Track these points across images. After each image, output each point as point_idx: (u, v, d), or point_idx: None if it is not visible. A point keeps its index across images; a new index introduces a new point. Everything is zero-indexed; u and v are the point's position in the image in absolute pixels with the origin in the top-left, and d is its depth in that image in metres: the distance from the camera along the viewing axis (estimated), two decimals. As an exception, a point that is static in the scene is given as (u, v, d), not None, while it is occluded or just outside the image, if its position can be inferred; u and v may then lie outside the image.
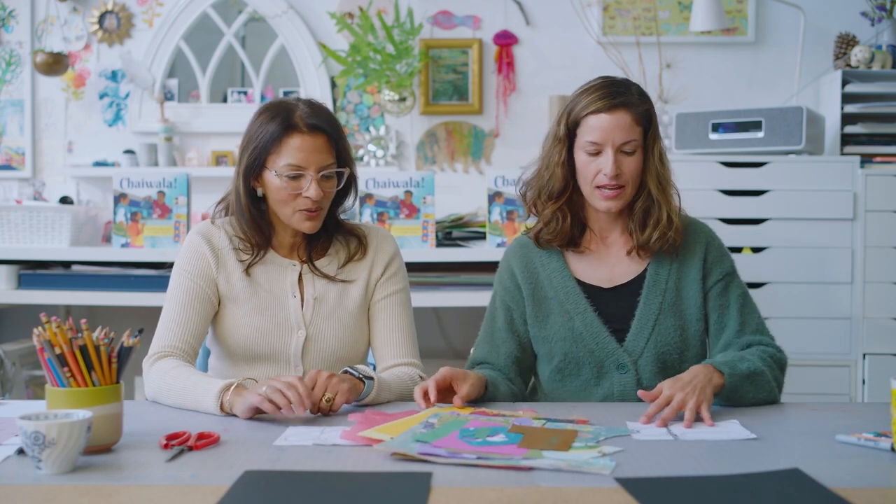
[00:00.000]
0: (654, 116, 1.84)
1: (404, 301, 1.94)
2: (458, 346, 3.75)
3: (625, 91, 1.81)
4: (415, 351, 1.92)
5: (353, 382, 1.66)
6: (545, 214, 1.88)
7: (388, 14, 3.74)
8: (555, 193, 1.87)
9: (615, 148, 1.79)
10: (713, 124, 3.32)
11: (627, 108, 1.79)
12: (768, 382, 1.72)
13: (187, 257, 1.87)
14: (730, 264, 1.90)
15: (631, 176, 1.81)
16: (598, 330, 1.84)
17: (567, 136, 1.85)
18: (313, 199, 1.79)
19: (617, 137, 1.78)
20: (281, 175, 1.78)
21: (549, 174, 1.87)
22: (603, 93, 1.80)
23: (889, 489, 1.19)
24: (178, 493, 1.17)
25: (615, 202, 1.82)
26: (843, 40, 3.59)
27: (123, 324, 1.68)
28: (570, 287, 1.87)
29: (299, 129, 1.78)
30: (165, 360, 1.76)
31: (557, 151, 1.86)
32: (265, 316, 1.85)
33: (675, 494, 1.17)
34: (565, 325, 1.85)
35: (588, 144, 1.80)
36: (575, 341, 1.84)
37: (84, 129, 3.88)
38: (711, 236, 1.92)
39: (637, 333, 1.83)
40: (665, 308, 1.84)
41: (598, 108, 1.79)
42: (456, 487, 1.19)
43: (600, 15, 3.75)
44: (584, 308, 1.85)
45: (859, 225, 3.19)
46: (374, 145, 3.81)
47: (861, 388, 3.18)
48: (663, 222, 1.83)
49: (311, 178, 1.78)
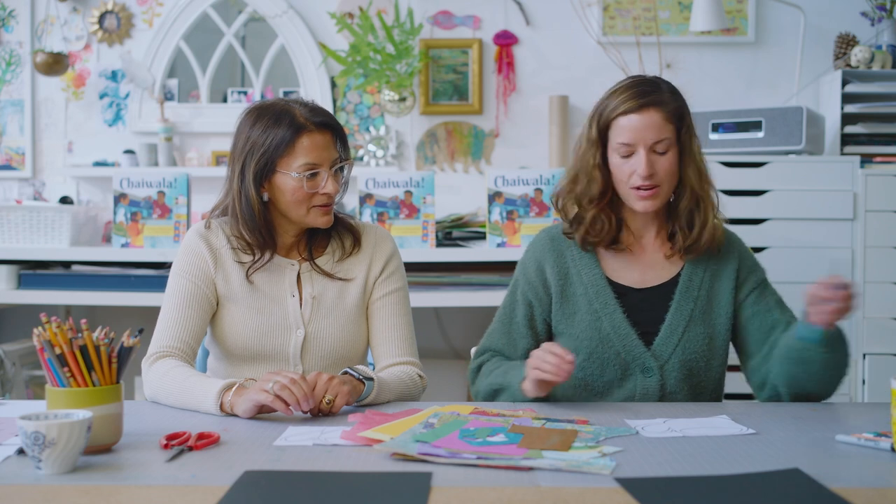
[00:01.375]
0: (686, 113, 1.83)
1: (403, 300, 1.94)
2: (458, 346, 3.75)
3: (654, 89, 1.80)
4: (413, 350, 1.92)
5: (354, 384, 1.66)
6: (589, 217, 1.86)
7: (388, 14, 3.74)
8: (596, 196, 1.85)
9: (647, 148, 1.77)
10: (713, 124, 3.32)
11: (657, 106, 1.78)
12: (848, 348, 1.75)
13: (185, 258, 1.87)
14: (762, 273, 1.90)
15: (666, 175, 1.80)
16: (626, 332, 1.82)
17: (599, 139, 1.84)
18: (330, 194, 1.82)
19: (648, 137, 1.77)
20: (300, 175, 1.79)
21: (588, 178, 1.85)
22: (632, 93, 1.79)
23: (889, 489, 1.19)
24: (178, 493, 1.17)
25: (651, 202, 1.81)
26: (843, 40, 3.59)
27: (123, 324, 1.68)
28: (600, 286, 1.85)
29: (308, 128, 1.80)
30: (164, 361, 1.76)
31: (592, 154, 1.84)
32: (264, 315, 1.86)
33: (675, 494, 1.17)
34: (593, 325, 1.83)
35: (620, 146, 1.80)
36: (602, 341, 1.82)
37: (84, 129, 3.88)
38: (743, 246, 1.92)
39: (666, 338, 1.82)
40: (696, 315, 1.83)
41: (628, 109, 1.78)
42: (456, 487, 1.19)
43: (600, 15, 3.75)
44: (614, 308, 1.83)
45: (859, 225, 3.19)
46: (374, 145, 3.81)
47: (861, 388, 3.18)
48: (711, 222, 1.83)
49: (327, 175, 1.81)
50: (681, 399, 1.81)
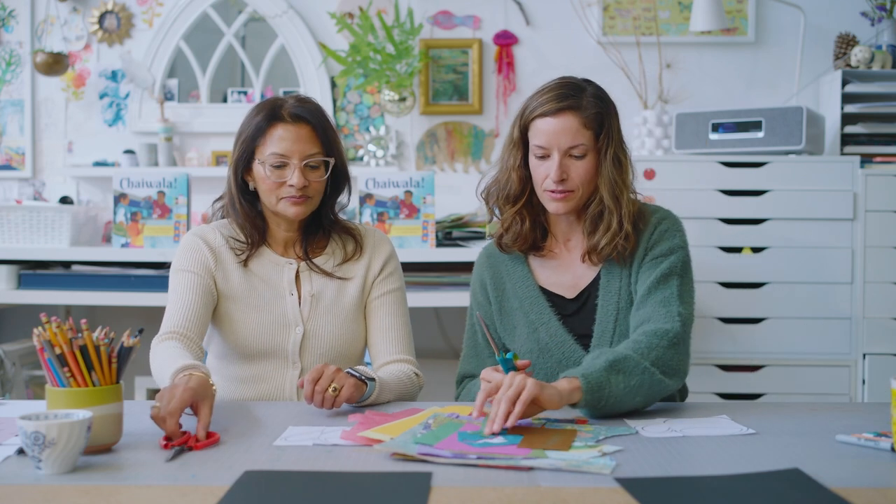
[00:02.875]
0: (608, 120, 1.79)
1: (400, 300, 1.97)
2: (457, 346, 3.75)
3: (575, 94, 1.78)
4: (410, 348, 1.95)
5: (356, 383, 1.67)
6: (505, 218, 1.87)
7: (388, 14, 3.74)
8: (512, 197, 1.86)
9: (561, 152, 1.77)
10: (713, 124, 3.32)
11: (575, 111, 1.76)
12: (637, 366, 1.59)
13: (185, 255, 1.90)
14: (668, 265, 1.76)
15: (581, 180, 1.78)
16: (564, 339, 1.82)
17: (521, 140, 1.84)
18: (297, 187, 1.83)
19: (563, 141, 1.76)
20: (265, 164, 1.83)
21: (507, 178, 1.86)
22: (552, 95, 1.78)
23: (889, 489, 1.19)
24: (178, 493, 1.17)
25: (563, 204, 1.79)
26: (843, 40, 3.59)
27: (123, 324, 1.68)
28: (534, 297, 1.86)
29: (283, 119, 1.84)
30: (166, 343, 1.76)
31: (513, 155, 1.85)
32: (262, 313, 1.88)
33: (675, 494, 1.17)
34: (531, 337, 1.84)
35: (536, 148, 1.79)
36: (542, 353, 1.82)
37: (84, 129, 3.88)
38: (658, 223, 1.81)
39: (599, 338, 1.81)
40: (622, 309, 1.80)
41: (545, 112, 1.77)
42: (456, 487, 1.19)
43: (600, 15, 3.75)
44: (549, 318, 1.84)
45: (859, 225, 3.19)
46: (374, 145, 3.81)
47: (861, 388, 3.18)
48: (613, 228, 1.78)
49: (295, 167, 1.83)
50: None
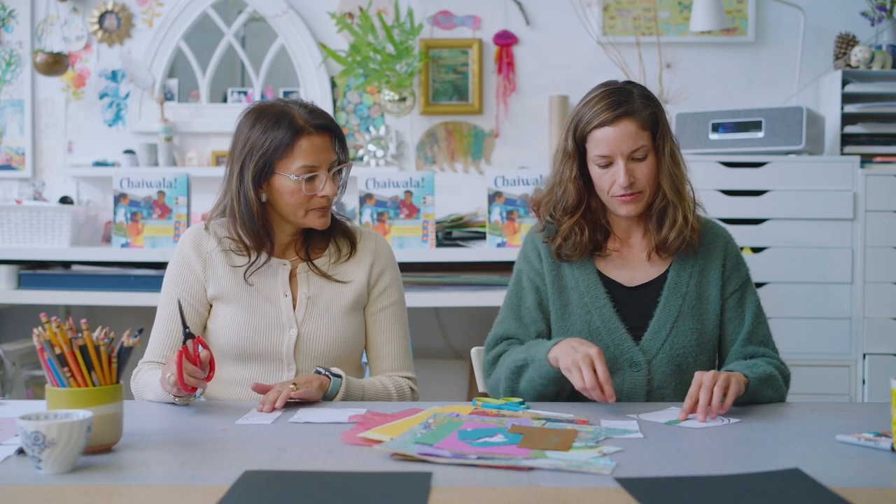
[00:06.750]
0: (660, 117, 1.84)
1: (399, 312, 1.98)
2: (458, 346, 3.75)
3: (627, 98, 1.80)
4: (408, 363, 1.97)
5: (321, 379, 1.75)
6: (563, 229, 1.88)
7: (388, 14, 3.74)
8: (570, 208, 1.88)
9: (625, 157, 1.79)
10: (713, 124, 3.32)
11: (631, 115, 1.79)
12: (780, 386, 1.77)
13: (175, 268, 1.91)
14: (745, 272, 1.91)
15: (647, 181, 1.82)
16: (615, 326, 1.84)
17: (576, 151, 1.85)
18: (329, 197, 1.83)
19: (625, 147, 1.79)
20: (298, 178, 1.80)
21: (563, 189, 1.88)
22: (605, 104, 1.80)
23: (889, 489, 1.19)
24: (178, 493, 1.17)
25: (634, 206, 1.83)
26: (843, 40, 3.59)
27: (123, 324, 1.69)
28: (591, 280, 1.88)
29: (307, 131, 1.81)
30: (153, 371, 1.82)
31: (568, 167, 1.86)
32: (256, 315, 1.87)
33: (675, 494, 1.17)
34: (583, 319, 1.85)
35: (598, 158, 1.81)
36: (591, 335, 1.84)
37: (84, 129, 3.88)
38: (729, 240, 1.93)
39: (654, 333, 1.84)
40: (685, 311, 1.84)
41: (603, 122, 1.79)
42: (456, 487, 1.19)
43: (600, 15, 3.75)
44: (604, 303, 1.85)
45: (859, 225, 3.19)
46: (374, 145, 3.81)
47: (861, 388, 3.18)
48: (680, 222, 1.83)
49: (325, 177, 1.82)
50: (668, 394, 1.82)
